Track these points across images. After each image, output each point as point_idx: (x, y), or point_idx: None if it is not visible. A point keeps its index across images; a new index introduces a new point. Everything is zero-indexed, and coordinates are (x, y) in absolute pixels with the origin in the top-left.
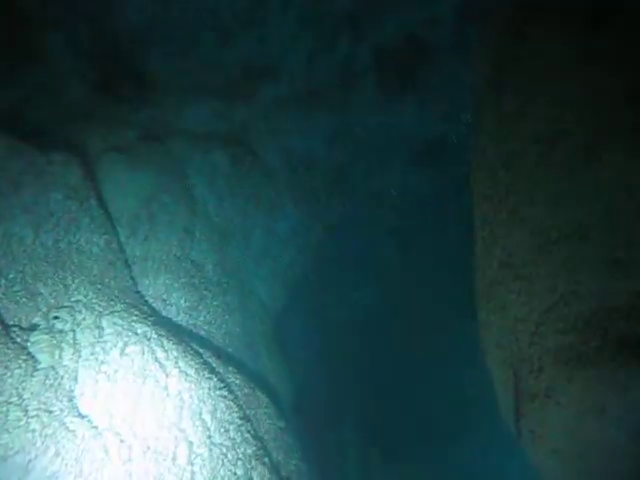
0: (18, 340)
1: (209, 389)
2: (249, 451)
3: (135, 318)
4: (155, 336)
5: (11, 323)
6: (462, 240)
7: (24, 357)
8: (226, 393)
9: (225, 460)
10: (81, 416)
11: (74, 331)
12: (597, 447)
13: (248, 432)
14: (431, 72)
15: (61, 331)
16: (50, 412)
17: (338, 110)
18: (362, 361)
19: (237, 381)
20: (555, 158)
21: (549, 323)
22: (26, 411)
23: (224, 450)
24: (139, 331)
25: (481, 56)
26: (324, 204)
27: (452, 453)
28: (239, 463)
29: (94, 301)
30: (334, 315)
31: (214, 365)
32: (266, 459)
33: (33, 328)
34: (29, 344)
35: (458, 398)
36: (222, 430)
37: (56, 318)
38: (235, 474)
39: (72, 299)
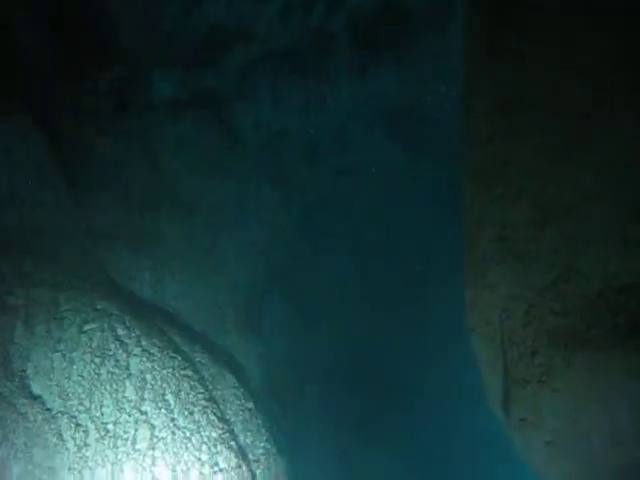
0: None
1: (173, 369)
2: (215, 434)
3: (95, 293)
4: (116, 312)
5: None
6: (443, 218)
7: None
8: (191, 373)
9: (189, 444)
10: (33, 398)
11: (27, 306)
12: (597, 439)
13: (214, 414)
14: (410, 39)
15: (13, 306)
16: None
17: (311, 77)
18: (338, 340)
19: (203, 360)
20: (559, 125)
21: (546, 302)
22: None
23: (188, 434)
24: (99, 307)
25: (475, 21)
26: (297, 176)
27: (424, 428)
28: (204, 447)
29: (51, 275)
30: (309, 292)
31: (179, 343)
32: (233, 442)
33: None
34: None
35: (432, 373)
36: (186, 412)
37: (9, 294)
38: (199, 459)
39: (26, 272)
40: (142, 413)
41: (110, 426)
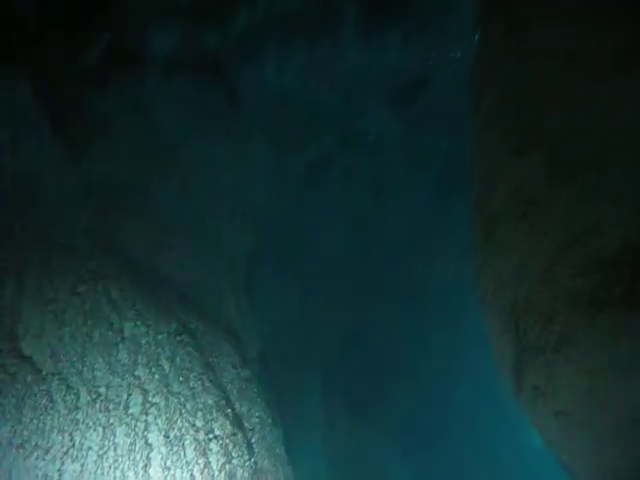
0: None
1: (169, 334)
2: (210, 401)
3: (89, 252)
4: (111, 274)
5: None
6: (443, 187)
7: None
8: (187, 339)
9: (183, 410)
10: (23, 358)
11: (18, 265)
12: (613, 411)
13: (210, 381)
14: (419, 5)
15: (4, 264)
16: None
17: (316, 40)
18: (334, 310)
19: (200, 327)
20: (577, 73)
21: (564, 263)
22: None
23: (182, 400)
24: (93, 267)
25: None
26: (298, 141)
27: (418, 405)
28: (199, 414)
29: (43, 232)
30: (307, 262)
31: (175, 309)
32: (228, 410)
33: None
34: None
35: (427, 348)
36: (181, 378)
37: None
38: (194, 425)
39: (18, 226)
40: (135, 377)
41: (102, 389)
